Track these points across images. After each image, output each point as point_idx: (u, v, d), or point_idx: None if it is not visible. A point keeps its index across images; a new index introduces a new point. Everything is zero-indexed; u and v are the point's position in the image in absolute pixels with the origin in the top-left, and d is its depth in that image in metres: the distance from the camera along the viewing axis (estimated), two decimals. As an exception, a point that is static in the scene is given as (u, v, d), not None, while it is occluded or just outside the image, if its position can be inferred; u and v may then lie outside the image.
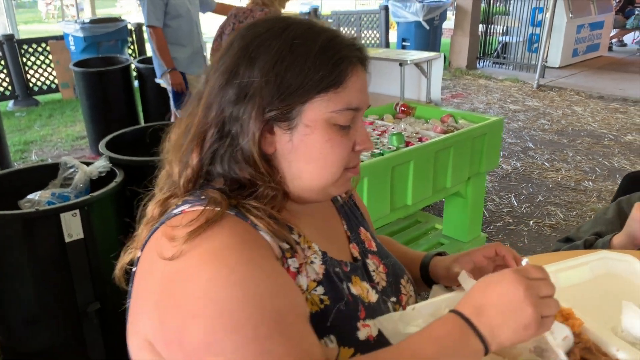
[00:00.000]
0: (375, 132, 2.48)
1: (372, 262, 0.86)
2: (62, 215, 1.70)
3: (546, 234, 3.28)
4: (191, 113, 0.74)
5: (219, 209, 0.66)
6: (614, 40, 9.60)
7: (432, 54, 3.28)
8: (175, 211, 0.69)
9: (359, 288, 0.77)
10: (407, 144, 2.27)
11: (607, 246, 1.18)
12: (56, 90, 6.80)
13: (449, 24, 8.84)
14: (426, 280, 0.97)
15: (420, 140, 2.35)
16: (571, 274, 0.92)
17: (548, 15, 6.69)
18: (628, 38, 9.92)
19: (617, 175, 4.13)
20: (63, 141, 5.27)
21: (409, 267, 0.97)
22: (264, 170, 0.71)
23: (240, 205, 0.69)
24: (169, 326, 0.61)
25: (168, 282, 0.62)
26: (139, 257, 0.70)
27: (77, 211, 1.73)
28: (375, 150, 2.19)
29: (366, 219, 0.99)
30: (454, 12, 8.16)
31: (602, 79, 7.33)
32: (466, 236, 2.67)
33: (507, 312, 0.62)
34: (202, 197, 0.69)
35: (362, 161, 2.03)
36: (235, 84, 0.70)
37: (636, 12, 9.23)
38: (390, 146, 2.23)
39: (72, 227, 1.72)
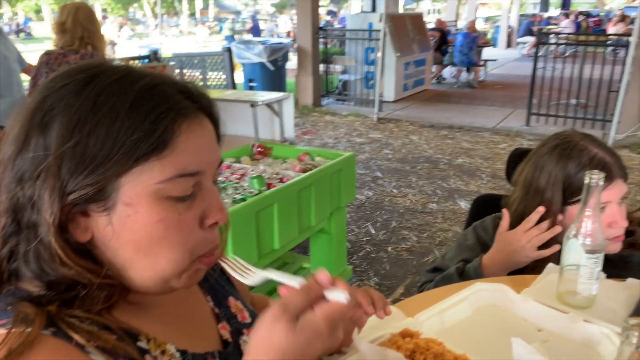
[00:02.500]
0: (234, 175, 2.38)
1: (247, 338, 0.74)
2: None
3: (404, 258, 3.45)
4: None
5: (30, 329, 0.49)
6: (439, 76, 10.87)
7: (281, 94, 3.32)
8: None
9: None
10: (269, 186, 2.21)
11: (479, 269, 1.23)
12: None
13: (292, 64, 9.19)
14: None
15: (281, 180, 2.31)
16: (453, 312, 0.92)
17: (379, 54, 7.30)
18: (446, 72, 11.31)
19: (456, 196, 4.57)
20: None
21: None
22: (77, 267, 0.54)
23: (59, 318, 0.52)
24: None
25: None
26: None
27: None
28: (236, 196, 2.09)
29: (235, 282, 0.88)
30: (296, 53, 8.51)
31: (430, 109, 8.18)
32: (333, 271, 2.67)
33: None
34: (8, 309, 0.52)
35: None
36: (26, 157, 0.54)
37: (449, 50, 10.58)
38: (251, 190, 2.15)
39: None
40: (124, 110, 0.54)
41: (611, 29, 14.48)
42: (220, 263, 0.70)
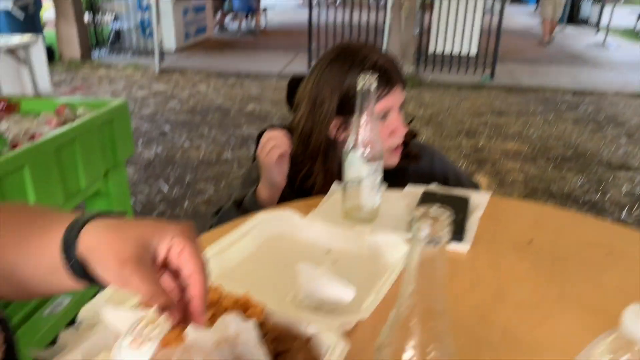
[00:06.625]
0: (-36, 139, 1.86)
1: None
2: None
3: (202, 211, 3.27)
4: None
5: None
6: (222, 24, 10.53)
7: (26, 37, 2.70)
8: None
9: None
10: (14, 146, 1.78)
11: (253, 198, 1.13)
12: None
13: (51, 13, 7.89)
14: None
15: (32, 138, 1.88)
16: (235, 250, 0.78)
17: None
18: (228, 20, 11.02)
19: (249, 142, 4.50)
20: None
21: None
22: None
23: None
24: None
25: None
26: None
27: None
28: (-34, 162, 1.62)
29: None
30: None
31: (215, 58, 7.90)
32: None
33: None
34: None
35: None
36: None
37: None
38: (-12, 154, 1.69)
39: None
40: None
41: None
42: None
